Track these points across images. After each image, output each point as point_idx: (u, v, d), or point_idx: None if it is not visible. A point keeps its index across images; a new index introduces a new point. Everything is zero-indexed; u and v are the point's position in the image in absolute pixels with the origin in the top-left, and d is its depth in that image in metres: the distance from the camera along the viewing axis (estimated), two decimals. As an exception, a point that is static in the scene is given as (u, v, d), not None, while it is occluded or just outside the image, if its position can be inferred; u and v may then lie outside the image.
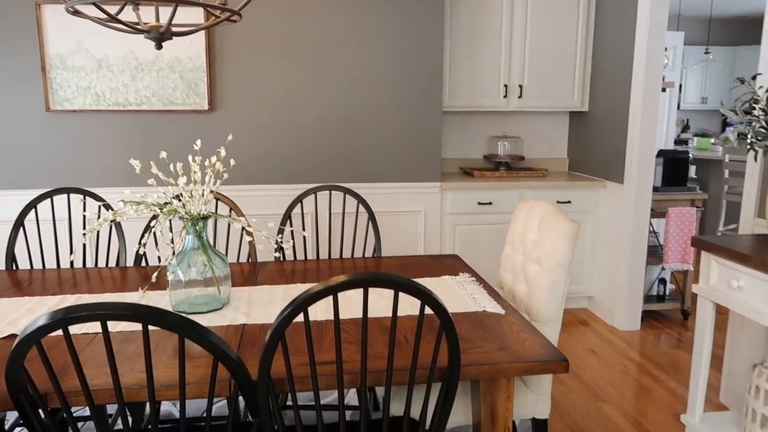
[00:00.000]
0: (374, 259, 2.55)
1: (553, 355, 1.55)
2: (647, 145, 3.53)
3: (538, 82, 4.05)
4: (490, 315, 1.85)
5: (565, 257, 1.92)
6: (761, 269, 2.01)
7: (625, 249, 3.66)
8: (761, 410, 2.16)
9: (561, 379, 3.06)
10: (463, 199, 3.83)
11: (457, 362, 1.38)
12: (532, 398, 1.99)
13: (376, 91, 3.60)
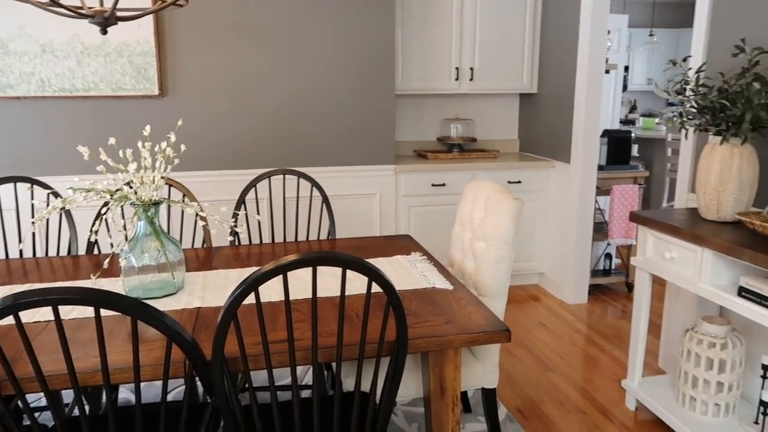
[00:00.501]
0: (329, 242, 2.59)
1: (497, 326, 1.64)
2: (592, 125, 3.66)
3: (489, 65, 4.13)
4: (439, 291, 1.93)
5: (509, 233, 2.01)
6: (690, 240, 2.15)
7: (572, 226, 3.81)
8: (692, 372, 2.32)
9: (513, 352, 3.20)
10: (418, 181, 3.90)
11: (404, 335, 1.45)
12: (481, 369, 2.09)
13: (330, 76, 3.62)
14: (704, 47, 2.63)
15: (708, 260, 2.10)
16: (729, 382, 2.26)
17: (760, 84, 2.07)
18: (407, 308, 1.77)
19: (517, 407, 2.65)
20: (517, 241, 4.11)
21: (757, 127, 2.10)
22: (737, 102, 2.10)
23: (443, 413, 1.74)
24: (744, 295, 1.96)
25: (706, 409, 2.31)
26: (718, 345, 2.25)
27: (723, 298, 2.03)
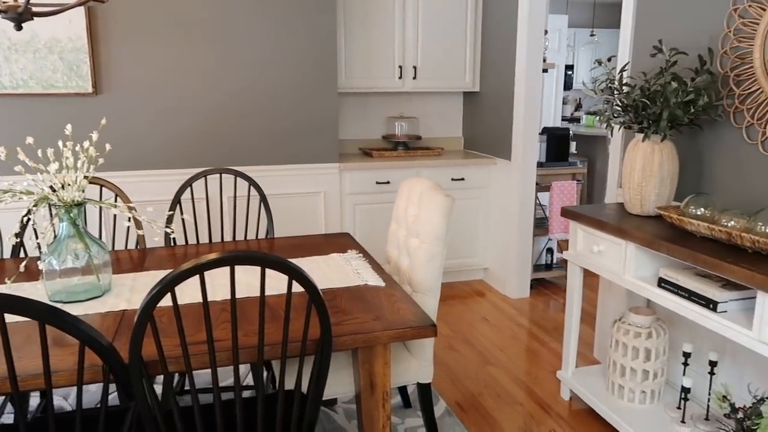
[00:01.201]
0: (267, 241, 2.58)
1: (424, 321, 1.66)
2: (531, 123, 3.75)
3: (432, 64, 4.18)
4: (371, 288, 1.94)
5: (440, 230, 2.04)
6: (615, 234, 2.23)
7: (514, 222, 3.89)
8: (620, 361, 2.41)
9: (455, 347, 3.24)
10: (362, 179, 3.91)
11: (327, 333, 1.46)
12: (416, 364, 2.11)
13: (272, 73, 3.58)
14: (630, 47, 2.72)
15: (631, 253, 2.18)
16: (654, 369, 2.36)
17: (677, 83, 2.16)
18: (337, 306, 1.78)
19: (457, 401, 2.69)
20: (462, 238, 4.17)
21: (675, 124, 2.19)
22: (657, 100, 2.19)
23: (374, 409, 1.75)
24: (663, 286, 2.05)
25: (633, 397, 2.40)
26: (644, 334, 2.35)
27: (645, 290, 2.11)
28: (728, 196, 2.27)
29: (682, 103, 2.15)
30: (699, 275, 1.98)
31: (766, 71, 2.06)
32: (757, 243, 1.75)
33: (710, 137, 2.34)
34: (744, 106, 2.16)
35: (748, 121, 2.15)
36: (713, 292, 1.84)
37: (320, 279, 2.02)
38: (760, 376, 2.16)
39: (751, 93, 2.13)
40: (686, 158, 2.47)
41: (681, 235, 2.04)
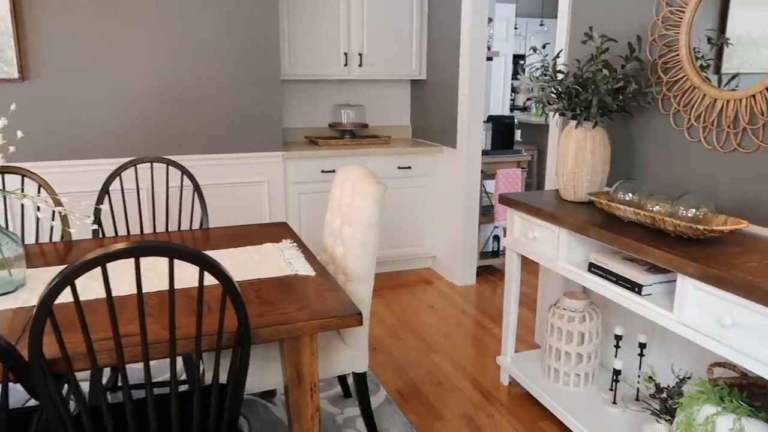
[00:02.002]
0: (201, 231, 2.51)
1: (349, 310, 1.64)
2: (475, 111, 3.75)
3: (378, 51, 4.13)
4: (300, 277, 1.90)
5: (373, 218, 2.01)
6: (548, 220, 2.25)
7: (460, 210, 3.90)
8: (556, 345, 2.44)
9: (400, 335, 3.24)
10: (307, 168, 3.85)
11: (245, 325, 1.41)
12: (350, 354, 2.09)
13: (212, 60, 3.48)
14: (567, 35, 2.74)
15: (564, 239, 2.20)
16: (588, 352, 2.40)
17: (607, 70, 2.18)
18: (262, 297, 1.73)
19: (398, 389, 2.68)
20: (409, 226, 4.16)
21: (606, 111, 2.22)
22: (588, 87, 2.21)
23: (301, 400, 1.72)
24: (593, 270, 2.07)
25: (568, 380, 2.44)
26: (578, 319, 2.38)
27: (577, 275, 2.14)
28: (658, 182, 2.31)
29: (612, 90, 2.17)
30: (627, 259, 2.01)
31: (691, 59, 2.10)
32: (678, 227, 1.79)
33: (641, 124, 2.37)
34: (671, 93, 2.20)
35: (675, 108, 2.19)
36: (638, 276, 1.87)
37: (249, 269, 1.97)
38: (685, 357, 2.22)
39: (677, 80, 2.17)
40: (618, 145, 2.50)
41: (610, 221, 2.07)
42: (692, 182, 2.15)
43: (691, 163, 2.15)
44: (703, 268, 1.58)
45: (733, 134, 1.97)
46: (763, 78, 1.84)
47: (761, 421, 1.59)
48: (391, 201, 4.08)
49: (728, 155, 2.00)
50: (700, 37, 2.08)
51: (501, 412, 2.51)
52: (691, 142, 2.14)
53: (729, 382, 1.81)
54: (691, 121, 2.12)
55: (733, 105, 1.95)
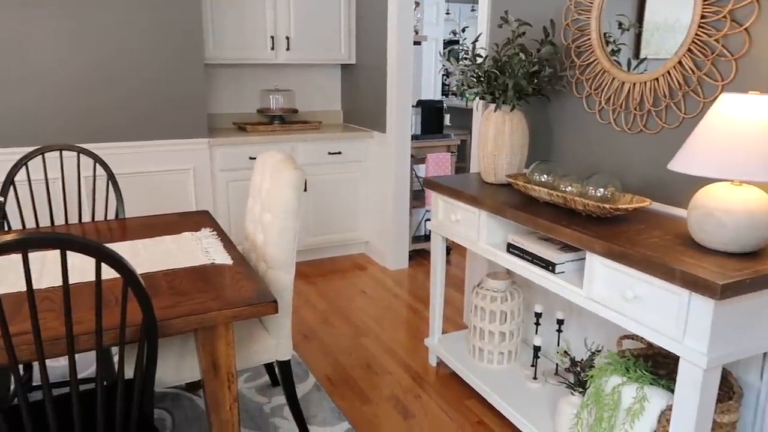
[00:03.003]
0: (118, 222, 2.40)
1: (264, 298, 1.61)
2: (404, 95, 3.76)
3: (306, 35, 4.06)
4: (217, 266, 1.85)
5: (291, 204, 1.98)
6: (469, 203, 2.28)
7: (391, 194, 3.91)
8: (480, 325, 2.49)
9: (331, 321, 3.23)
10: (235, 155, 3.76)
11: (150, 317, 1.36)
12: (273, 342, 2.06)
13: (128, 42, 3.32)
14: (487, 19, 2.77)
15: (484, 221, 2.24)
16: (510, 330, 2.46)
17: (524, 54, 2.21)
18: (175, 287, 1.68)
19: (327, 375, 2.68)
20: (342, 212, 4.14)
21: (523, 95, 2.26)
22: (506, 71, 2.24)
23: (218, 391, 1.69)
24: (511, 251, 2.12)
25: (492, 358, 2.50)
26: (500, 298, 2.44)
27: (496, 255, 2.18)
28: (574, 162, 2.38)
29: (527, 73, 2.22)
30: (542, 239, 2.06)
31: (602, 43, 2.16)
32: (587, 206, 1.85)
33: (557, 107, 2.43)
34: (584, 76, 2.26)
35: (587, 91, 2.26)
36: (552, 255, 1.93)
37: (164, 260, 1.90)
38: (599, 331, 2.31)
39: (589, 64, 2.23)
40: (537, 127, 2.56)
41: (527, 202, 2.12)
42: (604, 162, 2.23)
43: (603, 144, 2.22)
44: (608, 245, 1.64)
45: (639, 116, 2.05)
46: (664, 62, 1.92)
47: (662, 388, 1.67)
48: (322, 187, 4.05)
49: (635, 136, 2.08)
50: (611, 23, 2.14)
51: (429, 393, 2.55)
52: (603, 124, 2.21)
53: (636, 353, 1.90)
54: (602, 103, 2.19)
55: (639, 88, 2.02)
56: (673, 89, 1.90)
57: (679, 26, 1.87)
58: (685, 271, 1.42)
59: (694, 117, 1.85)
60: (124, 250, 2.01)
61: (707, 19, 1.77)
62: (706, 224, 1.53)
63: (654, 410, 1.63)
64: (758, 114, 1.42)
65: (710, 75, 1.79)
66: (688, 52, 1.84)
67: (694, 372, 1.44)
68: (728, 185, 1.53)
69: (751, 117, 1.43)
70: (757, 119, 1.42)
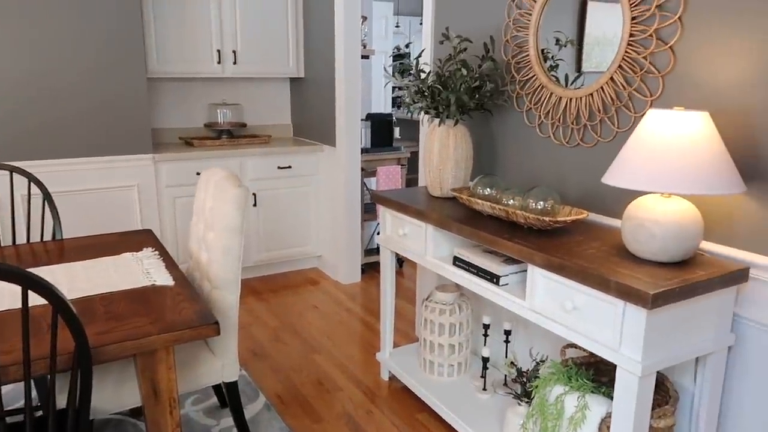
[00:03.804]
0: (55, 243, 2.32)
1: (204, 320, 1.58)
2: (352, 109, 3.77)
3: (253, 48, 4.03)
4: (158, 288, 1.81)
5: (234, 222, 1.95)
6: (416, 217, 2.29)
7: (342, 208, 3.90)
8: (429, 338, 2.51)
9: (281, 338, 3.19)
10: (182, 170, 3.69)
11: (83, 345, 1.32)
12: (219, 363, 2.02)
13: (67, 56, 3.22)
14: (431, 35, 2.82)
15: (430, 234, 2.26)
16: (459, 343, 2.48)
17: (466, 70, 2.26)
18: (112, 311, 1.63)
19: (278, 394, 2.64)
20: (293, 227, 4.11)
21: (465, 110, 2.30)
22: (448, 86, 2.28)
23: (160, 417, 1.64)
24: (457, 264, 2.14)
25: (443, 371, 2.51)
26: (448, 311, 2.46)
27: (442, 268, 2.20)
28: (517, 175, 2.43)
29: (470, 88, 2.26)
30: (487, 252, 2.09)
31: (540, 59, 2.22)
32: (528, 219, 1.89)
33: (500, 121, 2.48)
34: (524, 91, 2.32)
35: (527, 106, 2.31)
36: (496, 267, 1.96)
37: (102, 282, 1.84)
38: (544, 341, 2.35)
39: (529, 79, 2.29)
40: (482, 141, 2.61)
41: (472, 215, 2.15)
42: (545, 175, 2.28)
43: (544, 157, 2.28)
44: (547, 257, 1.68)
45: (576, 130, 2.11)
46: (599, 77, 1.99)
47: (603, 396, 1.71)
48: (272, 202, 4.01)
49: (573, 150, 2.14)
50: (549, 39, 2.21)
51: (381, 408, 2.54)
52: (543, 138, 2.27)
53: (578, 362, 1.95)
54: (541, 118, 2.25)
55: (575, 103, 2.09)
56: (607, 104, 1.97)
57: (615, 42, 1.94)
58: (620, 281, 1.47)
59: (627, 131, 1.92)
60: (59, 273, 1.94)
61: (635, 37, 1.85)
62: (638, 235, 1.59)
63: (595, 418, 1.67)
64: (681, 129, 1.49)
65: (640, 91, 1.86)
66: (619, 68, 1.91)
67: (630, 379, 1.49)
68: (658, 197, 1.59)
69: (675, 132, 1.49)
70: (681, 134, 1.48)
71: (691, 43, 1.70)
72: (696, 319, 1.56)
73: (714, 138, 1.50)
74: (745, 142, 1.61)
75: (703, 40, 1.67)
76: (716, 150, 1.49)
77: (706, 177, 1.46)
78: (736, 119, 1.62)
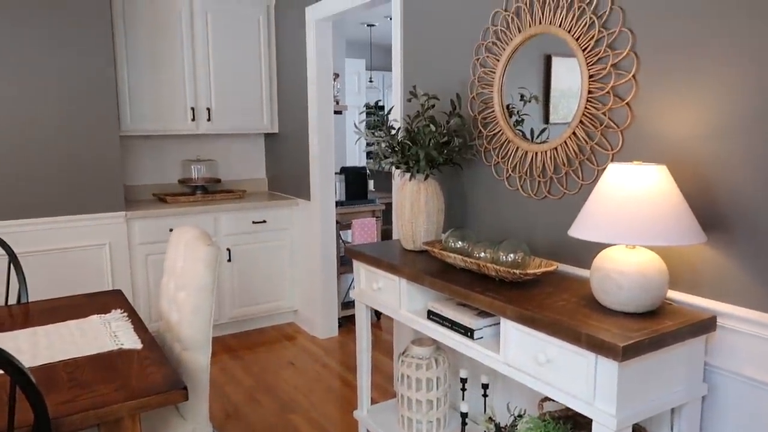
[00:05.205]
0: (20, 306, 2.26)
1: (172, 385, 1.53)
2: (326, 162, 3.81)
3: (227, 105, 4.08)
4: (125, 352, 1.76)
5: (205, 281, 1.93)
6: (389, 271, 2.29)
7: (318, 262, 3.89)
8: (407, 394, 2.46)
9: (256, 398, 3.10)
10: (154, 227, 3.66)
11: (41, 418, 1.27)
12: (189, 428, 1.95)
13: (39, 113, 3.22)
14: (400, 91, 2.89)
15: (404, 288, 2.26)
16: (437, 398, 2.44)
17: (434, 126, 2.31)
18: (76, 379, 1.58)
19: (252, 457, 2.55)
20: (268, 281, 4.07)
21: (435, 164, 2.34)
22: (417, 142, 2.32)
23: (125, 491, 1.57)
24: (431, 317, 2.14)
25: (421, 428, 2.46)
26: (425, 365, 2.42)
27: (416, 323, 2.19)
28: (487, 228, 2.46)
29: (438, 144, 2.30)
30: (461, 305, 2.09)
31: (505, 115, 2.29)
32: (499, 272, 1.90)
33: (469, 174, 2.53)
34: (491, 146, 2.37)
35: (495, 160, 2.36)
36: (469, 321, 1.96)
37: (66, 348, 1.79)
38: (522, 394, 2.33)
39: (495, 134, 2.35)
40: (452, 194, 2.65)
41: (444, 268, 2.16)
42: (515, 227, 2.31)
43: (513, 210, 2.32)
44: (519, 310, 1.69)
45: (543, 183, 2.16)
46: (564, 130, 2.05)
47: (581, 450, 1.69)
48: (247, 257, 3.98)
49: (541, 202, 2.18)
50: (514, 95, 2.28)
51: (358, 469, 2.47)
52: (511, 191, 2.31)
53: (556, 415, 1.93)
54: (509, 171, 2.30)
55: (541, 156, 2.14)
56: (571, 158, 2.03)
57: (578, 95, 2.01)
58: (590, 334, 1.47)
59: (591, 183, 1.97)
60: (22, 339, 1.88)
61: (594, 94, 1.92)
62: (605, 286, 1.61)
63: (573, 474, 1.64)
64: (641, 182, 1.53)
65: (601, 145, 1.92)
66: (581, 123, 1.97)
67: (605, 433, 1.47)
68: (623, 248, 1.62)
69: (635, 185, 1.53)
70: (640, 187, 1.53)
71: (647, 99, 1.77)
72: (668, 370, 1.57)
73: (672, 190, 1.55)
74: (702, 193, 1.66)
75: (657, 96, 1.75)
76: (675, 201, 1.54)
77: (666, 228, 1.49)
78: (693, 171, 1.68)
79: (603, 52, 1.87)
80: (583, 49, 1.93)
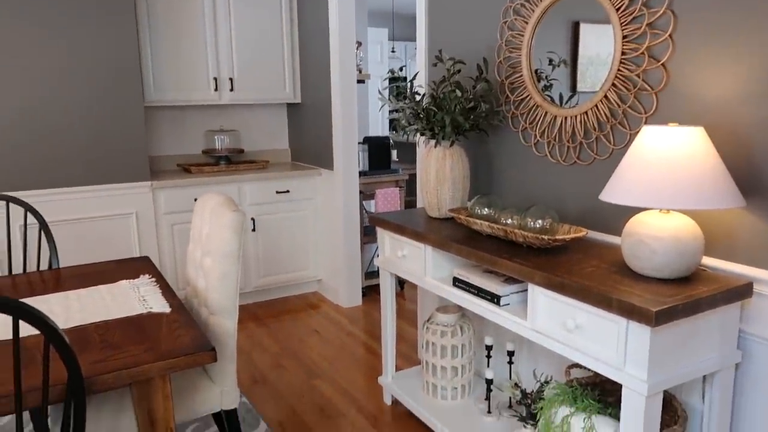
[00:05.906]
0: (51, 272, 2.30)
1: (201, 347, 1.55)
2: (349, 132, 3.78)
3: (249, 75, 4.06)
4: (154, 315, 1.79)
5: (231, 247, 1.93)
6: (414, 238, 2.28)
7: (341, 231, 3.89)
8: (432, 360, 2.47)
9: (282, 364, 3.15)
10: (179, 197, 3.69)
11: (76, 375, 1.29)
12: (218, 391, 1.98)
13: (64, 87, 3.24)
14: (425, 57, 2.83)
15: (429, 255, 2.24)
16: (462, 365, 2.45)
17: (460, 91, 2.26)
18: (107, 340, 1.60)
19: (280, 421, 2.59)
20: (292, 251, 4.09)
21: (461, 130, 2.30)
22: (443, 108, 2.28)
23: (157, 449, 1.60)
24: (457, 284, 2.12)
25: (446, 394, 2.47)
26: (450, 333, 2.43)
27: (442, 290, 2.18)
28: (514, 195, 2.42)
29: (464, 109, 2.26)
30: (487, 272, 2.07)
31: (533, 79, 2.23)
32: (527, 238, 1.87)
33: (496, 141, 2.49)
34: (519, 111, 2.32)
35: (523, 126, 2.32)
36: (496, 287, 1.94)
37: (98, 311, 1.82)
38: (548, 361, 2.32)
39: (523, 99, 2.29)
40: (478, 161, 2.61)
41: (470, 235, 2.13)
42: (543, 194, 2.27)
43: (540, 176, 2.27)
44: (547, 276, 1.66)
45: (572, 148, 2.11)
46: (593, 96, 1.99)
47: (609, 417, 1.68)
48: (271, 226, 4.00)
49: (570, 168, 2.14)
50: (542, 59, 2.22)
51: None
52: (539, 157, 2.27)
53: (583, 382, 1.91)
54: (536, 137, 2.25)
55: (570, 121, 2.09)
56: (602, 122, 1.97)
57: (608, 62, 1.95)
58: (621, 299, 1.45)
59: (623, 148, 1.92)
60: (54, 302, 1.92)
61: (627, 55, 1.85)
62: (638, 251, 1.57)
63: (601, 439, 1.63)
64: (677, 145, 1.48)
65: (634, 108, 1.86)
66: (613, 86, 1.91)
67: (636, 399, 1.46)
68: (657, 213, 1.58)
69: (670, 148, 1.48)
70: (676, 150, 1.48)
71: (683, 59, 1.71)
72: (701, 337, 1.54)
73: (710, 152, 1.50)
74: (742, 157, 1.61)
75: (695, 56, 1.68)
76: (713, 164, 1.49)
77: (703, 191, 1.45)
78: (731, 134, 1.62)
79: (638, 11, 1.80)
80: (617, 8, 1.86)
